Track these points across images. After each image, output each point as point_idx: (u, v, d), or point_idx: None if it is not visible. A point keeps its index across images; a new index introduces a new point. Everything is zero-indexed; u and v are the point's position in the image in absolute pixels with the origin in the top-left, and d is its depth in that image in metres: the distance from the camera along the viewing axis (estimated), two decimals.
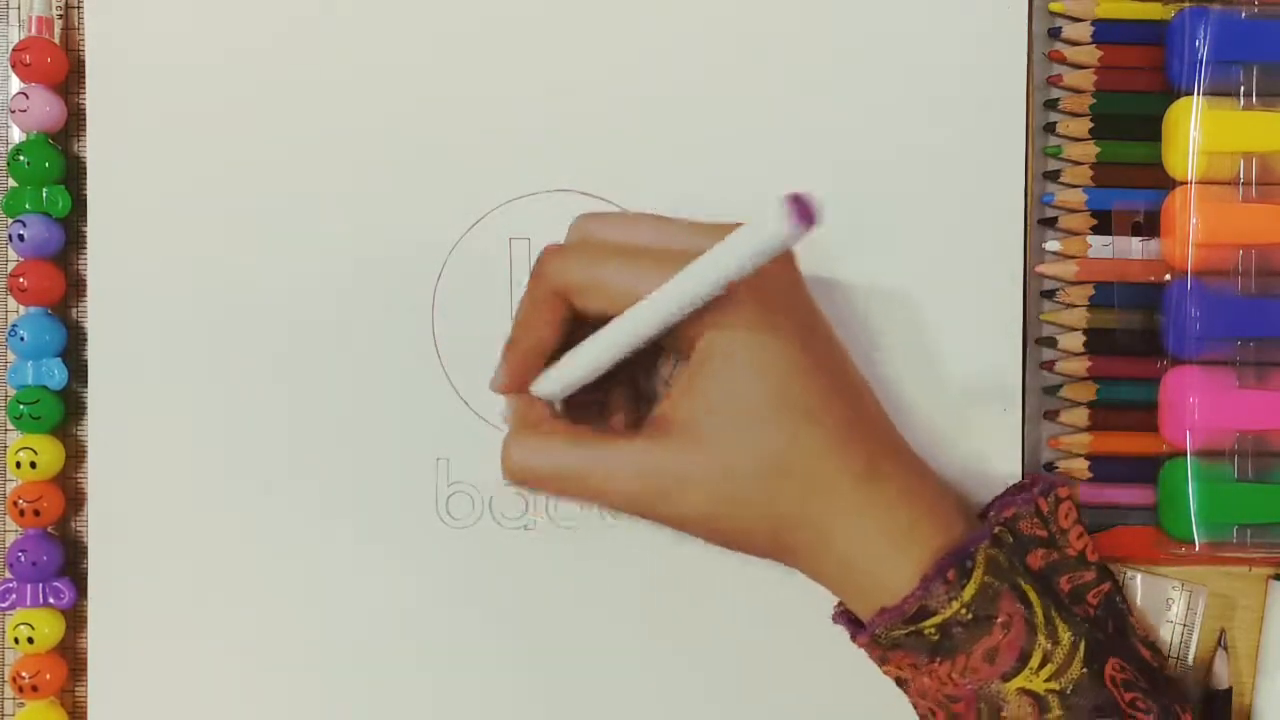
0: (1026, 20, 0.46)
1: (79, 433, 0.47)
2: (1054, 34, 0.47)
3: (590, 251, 0.39)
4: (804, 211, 0.32)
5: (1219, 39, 0.44)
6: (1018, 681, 0.38)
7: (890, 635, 0.39)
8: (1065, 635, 0.39)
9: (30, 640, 0.45)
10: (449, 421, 0.46)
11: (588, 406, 0.42)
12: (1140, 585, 0.46)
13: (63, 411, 0.46)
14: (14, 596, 0.45)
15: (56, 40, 0.46)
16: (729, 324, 0.38)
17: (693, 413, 0.38)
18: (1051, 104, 0.47)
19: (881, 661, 0.41)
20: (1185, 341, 0.45)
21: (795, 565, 0.40)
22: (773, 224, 0.33)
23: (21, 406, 0.45)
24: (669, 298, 0.36)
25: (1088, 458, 0.46)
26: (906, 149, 0.46)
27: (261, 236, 0.46)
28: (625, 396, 0.43)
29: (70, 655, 0.46)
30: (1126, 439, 0.46)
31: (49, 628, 0.45)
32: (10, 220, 0.46)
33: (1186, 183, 0.44)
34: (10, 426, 0.46)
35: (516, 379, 0.41)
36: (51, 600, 0.46)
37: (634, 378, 0.43)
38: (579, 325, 0.40)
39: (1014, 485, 0.44)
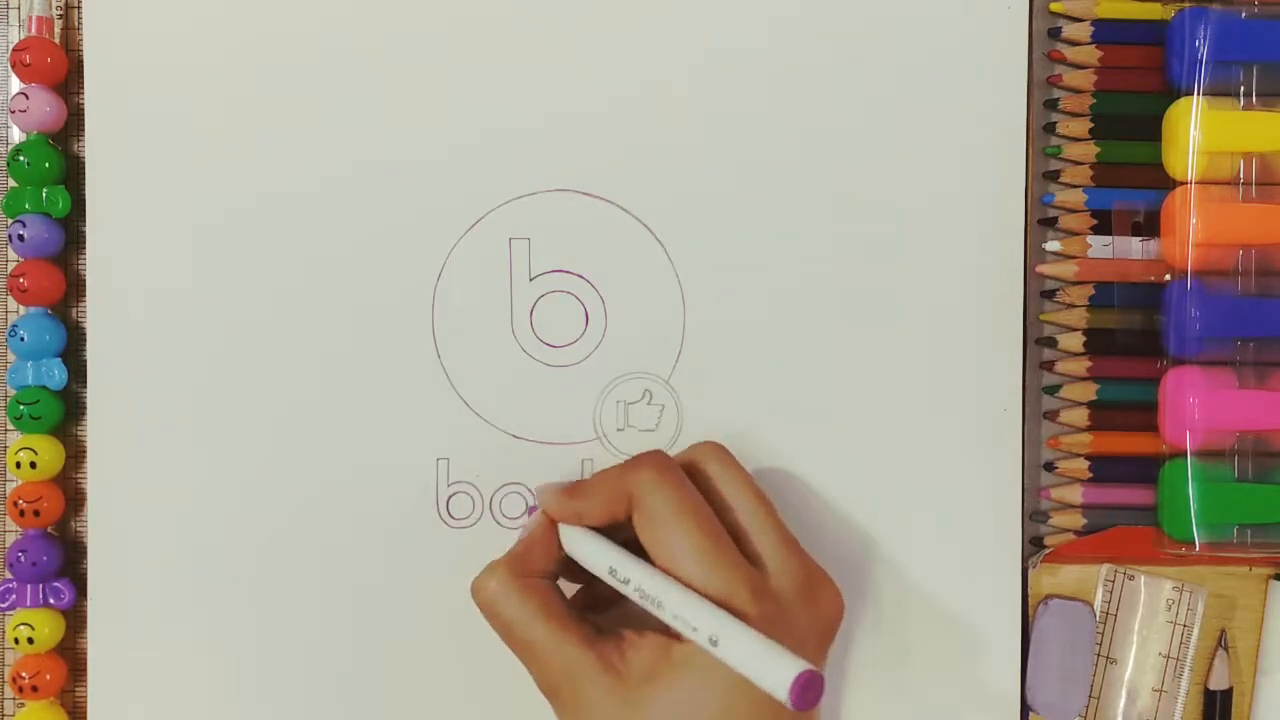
0: (1026, 20, 0.46)
1: (79, 433, 0.47)
2: (1054, 34, 0.47)
3: (680, 491, 0.39)
4: (805, 697, 0.34)
5: (1219, 39, 0.44)
6: None
7: None
8: None
9: (30, 641, 0.45)
10: (449, 421, 0.46)
11: None
12: (1140, 586, 0.46)
13: (62, 412, 0.46)
14: (14, 597, 0.45)
15: (56, 40, 0.46)
16: (712, 663, 0.37)
17: (636, 681, 0.38)
18: (1051, 104, 0.47)
19: None
20: (1185, 342, 0.45)
21: None
22: (776, 686, 0.35)
23: (21, 407, 0.45)
24: (679, 606, 0.37)
25: (1088, 458, 0.46)
26: (906, 149, 0.46)
27: (261, 236, 0.45)
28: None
29: (70, 656, 0.46)
30: (1126, 439, 0.46)
31: (49, 628, 0.45)
32: (10, 220, 0.46)
33: (1186, 183, 0.44)
34: (10, 427, 0.46)
35: (559, 515, 0.41)
36: (51, 600, 0.46)
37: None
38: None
39: None
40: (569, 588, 0.43)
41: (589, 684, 0.38)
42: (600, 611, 0.43)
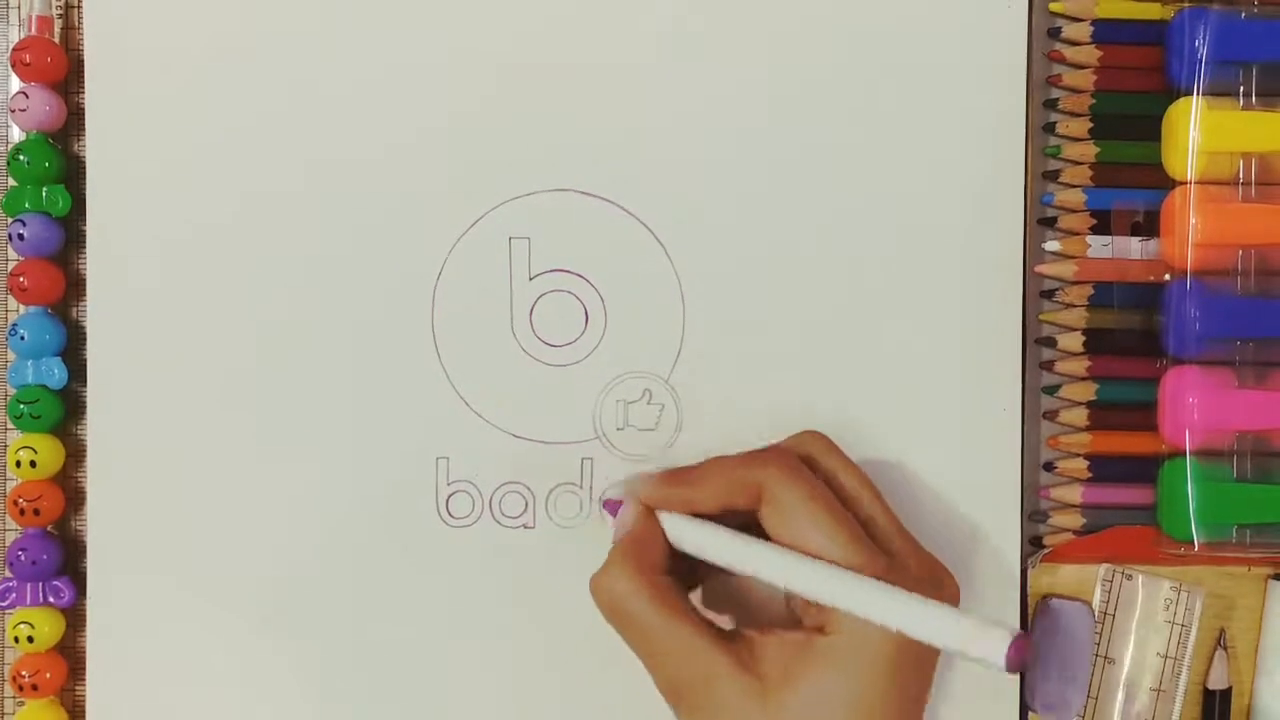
0: (1026, 20, 0.46)
1: (79, 432, 0.47)
2: (1054, 34, 0.47)
3: (811, 486, 0.39)
4: (1018, 659, 0.34)
5: (1219, 39, 0.44)
6: None
7: None
8: None
9: (30, 639, 0.45)
10: (449, 421, 0.46)
11: None
12: (1139, 585, 0.46)
13: (62, 411, 0.46)
14: (14, 595, 0.45)
15: (56, 40, 0.46)
16: (860, 651, 0.37)
17: (775, 681, 0.38)
18: (1051, 104, 0.47)
19: None
20: (1185, 341, 0.45)
21: None
22: (992, 653, 0.34)
23: (21, 406, 0.45)
24: (837, 589, 0.37)
25: (1087, 457, 0.46)
26: (906, 149, 0.46)
27: (261, 236, 0.45)
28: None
29: (70, 654, 0.46)
30: (1126, 439, 0.46)
31: (49, 627, 0.45)
32: (10, 219, 0.46)
33: (1186, 183, 0.44)
34: (10, 425, 0.46)
35: (665, 503, 0.41)
36: (51, 599, 0.46)
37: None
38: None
39: None
40: None
41: (725, 686, 0.38)
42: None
